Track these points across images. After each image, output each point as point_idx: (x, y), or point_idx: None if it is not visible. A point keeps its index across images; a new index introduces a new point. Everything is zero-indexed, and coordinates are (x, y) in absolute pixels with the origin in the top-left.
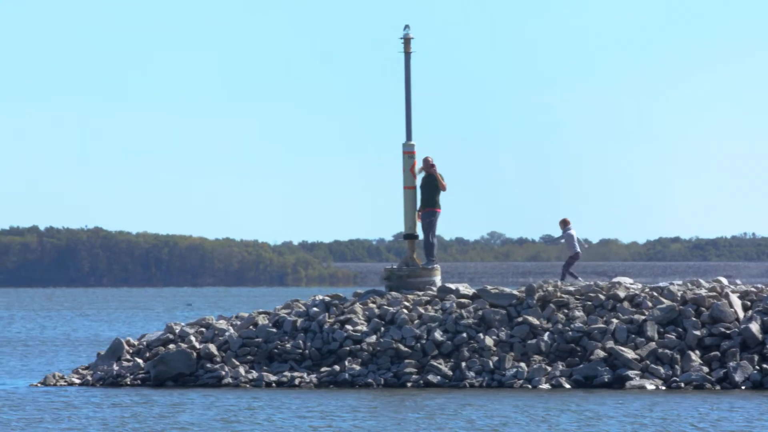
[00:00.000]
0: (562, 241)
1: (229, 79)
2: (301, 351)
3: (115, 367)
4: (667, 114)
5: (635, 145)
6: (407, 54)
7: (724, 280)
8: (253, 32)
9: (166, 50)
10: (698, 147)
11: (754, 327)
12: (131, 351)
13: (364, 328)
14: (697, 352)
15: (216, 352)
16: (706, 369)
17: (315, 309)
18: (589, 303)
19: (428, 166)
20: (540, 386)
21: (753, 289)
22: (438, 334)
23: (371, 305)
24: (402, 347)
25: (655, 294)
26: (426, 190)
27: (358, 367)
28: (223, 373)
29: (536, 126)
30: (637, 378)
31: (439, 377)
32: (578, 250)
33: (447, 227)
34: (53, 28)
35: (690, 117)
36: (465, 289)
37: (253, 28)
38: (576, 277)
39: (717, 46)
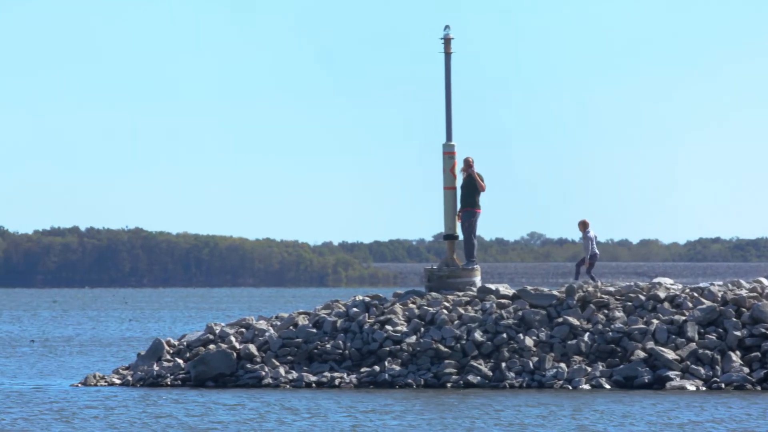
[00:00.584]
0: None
1: (272, 80)
2: (341, 351)
3: (156, 368)
4: (708, 114)
5: (677, 146)
6: (447, 54)
7: (765, 281)
8: (277, 33)
9: (202, 51)
10: (739, 147)
11: None
12: (171, 351)
13: (404, 329)
14: (738, 352)
15: (256, 353)
16: (746, 370)
17: (355, 309)
18: (630, 304)
19: (468, 166)
20: (580, 387)
21: None
22: (478, 335)
23: (411, 306)
24: (442, 348)
25: (695, 294)
26: (466, 191)
27: (398, 368)
28: (263, 373)
29: (578, 127)
30: (678, 379)
31: (479, 378)
32: (596, 251)
33: (487, 228)
34: (81, 27)
35: (731, 116)
36: (505, 289)
37: (282, 30)
38: (577, 277)
39: (749, 40)
